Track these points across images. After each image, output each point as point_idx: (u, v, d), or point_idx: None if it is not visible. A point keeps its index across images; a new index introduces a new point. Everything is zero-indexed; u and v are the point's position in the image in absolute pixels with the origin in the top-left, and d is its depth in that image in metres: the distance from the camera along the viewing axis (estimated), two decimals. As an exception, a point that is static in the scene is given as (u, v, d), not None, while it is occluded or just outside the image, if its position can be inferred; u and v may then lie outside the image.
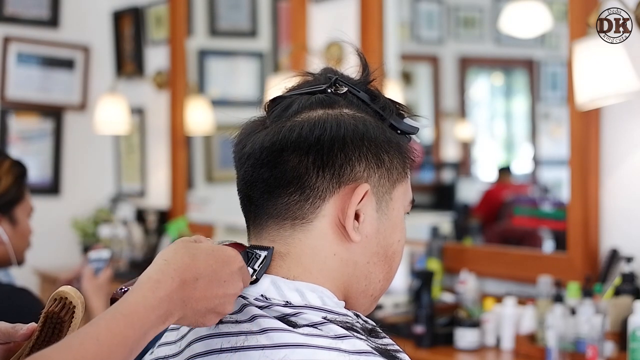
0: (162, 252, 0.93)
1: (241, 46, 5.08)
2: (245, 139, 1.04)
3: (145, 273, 0.90)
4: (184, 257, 0.91)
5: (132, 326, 0.85)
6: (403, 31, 5.74)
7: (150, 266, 0.90)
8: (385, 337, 0.99)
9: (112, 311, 0.85)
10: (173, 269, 0.89)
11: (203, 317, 0.92)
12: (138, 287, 0.88)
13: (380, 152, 1.01)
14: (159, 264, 0.90)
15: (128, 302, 0.86)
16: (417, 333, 2.66)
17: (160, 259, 0.91)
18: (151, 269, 0.90)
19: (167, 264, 0.90)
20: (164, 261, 0.90)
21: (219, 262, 0.92)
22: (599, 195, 2.61)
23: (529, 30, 4.18)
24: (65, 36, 4.72)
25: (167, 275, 0.88)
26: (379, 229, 1.02)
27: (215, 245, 0.96)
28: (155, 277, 0.88)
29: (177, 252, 0.91)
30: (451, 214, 5.13)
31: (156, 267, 0.90)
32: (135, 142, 4.80)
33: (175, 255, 0.91)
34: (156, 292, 0.87)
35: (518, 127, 6.94)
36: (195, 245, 0.94)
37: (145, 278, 0.88)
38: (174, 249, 0.92)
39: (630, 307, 2.28)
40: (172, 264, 0.90)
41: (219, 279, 0.92)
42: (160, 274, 0.88)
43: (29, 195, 2.16)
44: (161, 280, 0.88)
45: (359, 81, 1.06)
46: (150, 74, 4.65)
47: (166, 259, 0.90)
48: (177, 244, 0.94)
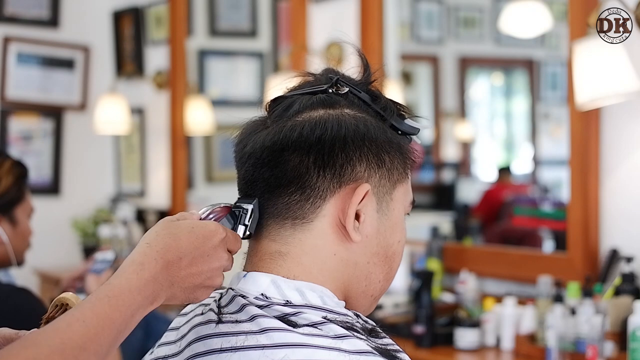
0: (145, 235, 0.94)
1: (241, 46, 5.08)
2: (246, 139, 1.04)
3: (129, 257, 0.91)
4: (165, 239, 0.93)
5: (118, 308, 0.86)
6: (403, 31, 5.74)
7: (134, 250, 0.92)
8: (386, 337, 0.99)
9: (97, 294, 0.87)
10: (156, 251, 0.91)
11: (193, 293, 0.94)
12: (122, 271, 0.90)
13: (381, 153, 1.01)
14: (142, 247, 0.92)
15: (112, 285, 0.88)
16: (417, 333, 2.66)
17: (143, 243, 0.93)
18: (135, 253, 0.92)
19: (149, 246, 0.92)
20: (147, 244, 0.92)
21: (200, 238, 0.94)
22: (599, 195, 2.61)
23: (529, 30, 4.18)
24: (65, 36, 4.72)
25: (150, 258, 0.90)
26: (379, 229, 1.02)
27: (195, 222, 0.97)
28: (138, 260, 0.90)
29: (158, 234, 0.93)
30: (451, 214, 5.14)
31: (139, 250, 0.92)
32: (135, 142, 4.80)
33: (157, 238, 0.93)
34: (140, 274, 0.89)
35: (518, 127, 6.94)
36: (176, 225, 0.95)
37: (129, 262, 0.90)
38: (156, 232, 0.94)
39: (630, 307, 2.28)
40: (155, 246, 0.92)
41: (202, 254, 0.94)
42: (143, 256, 0.91)
43: (29, 196, 2.16)
44: (144, 262, 0.90)
45: (360, 81, 1.06)
46: (150, 74, 4.65)
47: (148, 242, 0.92)
48: (158, 225, 0.96)
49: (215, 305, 1.02)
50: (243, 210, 1.01)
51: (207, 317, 1.01)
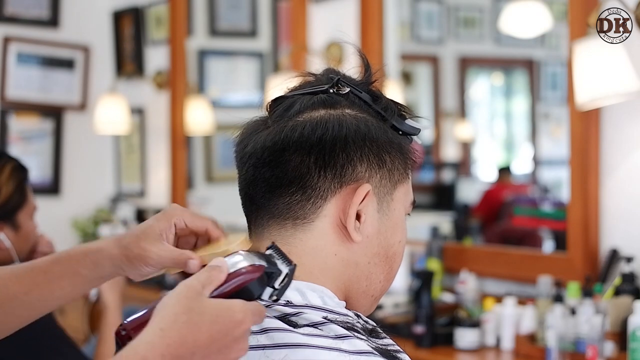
0: (163, 312, 0.83)
1: (241, 46, 5.07)
2: (247, 139, 1.04)
3: (136, 342, 0.81)
4: (183, 329, 0.82)
5: None
6: (403, 31, 5.74)
7: (146, 332, 0.82)
8: (386, 337, 0.99)
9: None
10: (166, 345, 0.81)
11: None
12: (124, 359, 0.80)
13: (382, 153, 1.01)
14: (154, 334, 0.81)
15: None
16: (417, 333, 2.66)
17: (157, 326, 0.82)
18: (144, 337, 0.81)
19: (162, 336, 0.81)
20: (160, 331, 0.81)
21: (222, 331, 0.84)
22: (599, 195, 2.61)
23: (529, 30, 4.18)
24: (65, 36, 4.72)
25: (156, 353, 0.80)
26: (379, 229, 1.02)
27: (222, 307, 0.85)
28: (142, 354, 0.80)
29: (176, 320, 0.82)
30: (451, 214, 5.14)
31: (149, 337, 0.81)
32: (135, 142, 4.80)
33: (174, 325, 0.82)
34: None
35: (518, 127, 6.94)
36: (200, 309, 0.84)
37: (133, 351, 0.80)
38: (174, 315, 0.83)
39: (630, 307, 2.28)
40: (168, 337, 0.81)
41: (220, 348, 0.84)
42: (149, 349, 0.80)
43: (31, 196, 2.15)
44: (148, 358, 0.80)
45: (360, 82, 1.06)
46: (150, 74, 4.65)
47: (162, 327, 0.82)
48: (180, 304, 0.84)
49: (216, 306, 1.02)
50: (277, 272, 0.93)
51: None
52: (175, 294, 0.85)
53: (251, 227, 1.05)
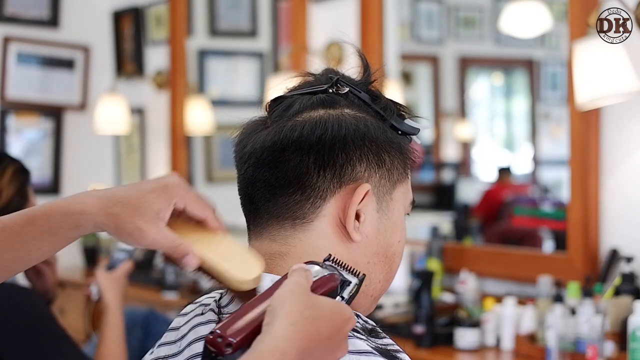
0: (286, 309, 0.83)
1: (241, 46, 5.07)
2: (246, 139, 1.04)
3: (271, 336, 0.81)
4: (309, 324, 0.83)
5: None
6: (403, 31, 5.74)
7: (276, 325, 0.82)
8: (386, 337, 0.99)
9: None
10: (299, 339, 0.82)
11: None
12: (262, 356, 0.80)
13: (381, 153, 1.01)
14: (285, 329, 0.82)
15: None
16: (417, 333, 2.66)
17: (286, 321, 0.82)
18: (277, 334, 0.82)
19: (294, 330, 0.82)
20: (291, 325, 0.82)
21: (336, 327, 0.86)
22: (599, 195, 2.61)
23: (529, 30, 4.18)
24: (65, 36, 4.72)
25: (292, 347, 0.81)
26: (379, 229, 1.02)
27: (334, 305, 0.88)
28: (282, 348, 0.81)
29: (302, 315, 0.83)
30: (451, 214, 5.13)
31: (282, 332, 0.82)
32: (135, 142, 4.80)
33: (301, 320, 0.83)
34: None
35: (518, 127, 6.94)
36: (318, 306, 0.86)
37: (272, 346, 0.81)
38: (299, 311, 0.84)
39: (630, 307, 2.28)
40: (299, 331, 0.82)
41: (334, 345, 0.86)
42: (287, 344, 0.81)
43: (32, 197, 2.14)
44: (287, 352, 0.81)
45: (360, 82, 1.06)
46: (150, 74, 4.65)
47: (292, 322, 0.82)
48: (300, 300, 0.85)
49: (215, 305, 1.02)
50: (347, 282, 0.94)
51: (207, 317, 1.01)
52: (289, 291, 0.85)
53: (250, 227, 1.05)
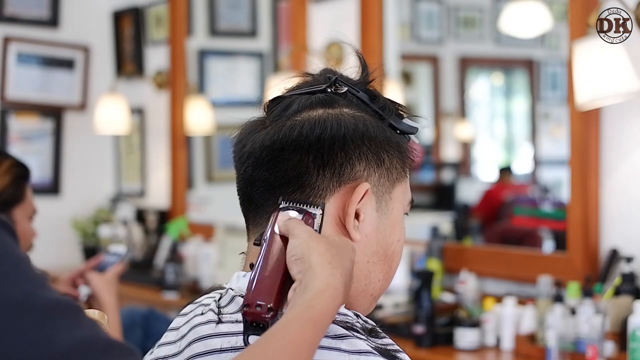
0: (315, 250, 0.91)
1: (241, 46, 5.07)
2: (245, 139, 1.04)
3: (318, 277, 0.89)
4: (338, 259, 0.92)
5: (318, 333, 0.86)
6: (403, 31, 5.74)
7: (317, 268, 0.89)
8: (385, 337, 0.99)
9: (301, 316, 0.86)
10: (340, 273, 0.90)
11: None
12: (319, 293, 0.87)
13: (380, 152, 1.01)
14: (327, 268, 0.90)
15: (316, 310, 0.86)
16: (417, 333, 2.66)
17: (323, 261, 0.90)
18: (323, 272, 0.89)
19: (332, 267, 0.90)
20: (329, 264, 0.90)
21: (350, 254, 0.95)
22: (599, 195, 2.60)
23: (529, 30, 4.18)
24: (65, 36, 4.72)
25: (338, 280, 0.89)
26: (378, 228, 1.02)
27: (337, 236, 0.97)
28: (333, 284, 0.89)
29: (331, 253, 0.92)
30: (451, 214, 5.14)
31: (326, 271, 0.89)
32: (135, 142, 4.80)
33: (333, 257, 0.91)
34: (336, 300, 0.88)
35: (518, 127, 6.95)
36: (333, 241, 0.94)
37: (324, 284, 0.88)
38: (327, 250, 0.92)
39: (630, 307, 2.28)
40: (336, 267, 0.90)
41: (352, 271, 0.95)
42: (334, 279, 0.89)
43: (30, 197, 2.14)
44: (338, 287, 0.89)
45: (358, 81, 1.06)
46: (150, 74, 4.65)
47: (329, 261, 0.90)
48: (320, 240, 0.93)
49: (215, 306, 1.02)
50: (313, 215, 0.98)
51: (207, 317, 1.01)
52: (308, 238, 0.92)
53: (249, 226, 1.05)
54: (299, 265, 0.90)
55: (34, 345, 0.76)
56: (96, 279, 2.24)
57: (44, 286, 0.81)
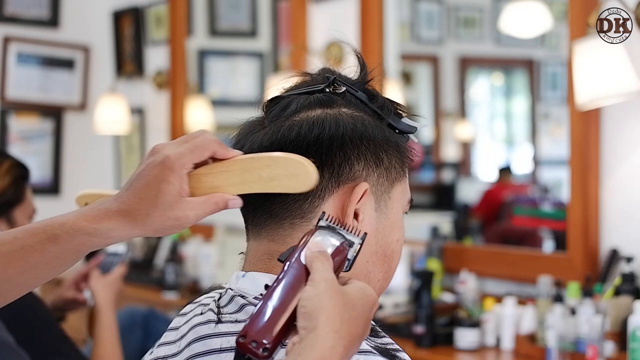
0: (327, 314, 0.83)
1: (241, 46, 5.07)
2: (244, 139, 1.04)
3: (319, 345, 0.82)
4: (348, 327, 0.84)
5: None
6: (403, 31, 5.74)
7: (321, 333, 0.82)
8: (385, 337, 0.99)
9: None
10: (343, 345, 0.83)
11: None
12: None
13: (379, 152, 1.01)
14: (331, 338, 0.82)
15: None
16: (417, 333, 2.66)
17: (329, 329, 0.83)
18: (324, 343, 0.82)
19: (338, 337, 0.83)
20: (335, 333, 0.83)
21: (368, 318, 0.88)
22: (599, 195, 2.60)
23: (529, 30, 4.18)
24: (65, 36, 4.72)
25: (338, 355, 0.82)
26: (377, 228, 1.02)
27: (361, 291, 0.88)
28: (328, 358, 0.82)
29: (342, 319, 0.84)
30: (451, 214, 5.13)
31: (329, 341, 0.82)
32: (135, 142, 4.80)
33: (342, 325, 0.84)
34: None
35: (518, 127, 6.94)
36: (351, 303, 0.86)
37: (318, 357, 0.81)
38: (339, 314, 0.84)
39: (630, 307, 2.28)
40: (342, 338, 0.83)
41: (365, 333, 0.88)
42: (333, 353, 0.82)
43: (30, 197, 2.14)
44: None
45: (357, 81, 1.06)
46: (150, 74, 4.65)
47: (335, 330, 0.83)
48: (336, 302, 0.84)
49: (215, 305, 1.02)
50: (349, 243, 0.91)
51: (207, 317, 1.01)
52: (324, 291, 0.85)
53: (249, 227, 1.05)
54: (306, 320, 0.84)
55: None
56: (95, 281, 2.24)
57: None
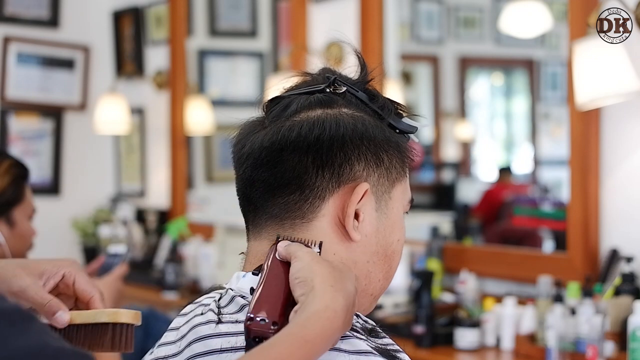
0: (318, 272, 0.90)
1: (241, 46, 5.07)
2: (244, 139, 1.03)
3: (318, 299, 0.88)
4: (340, 282, 0.91)
5: (309, 354, 0.85)
6: (403, 31, 5.74)
7: (318, 290, 0.89)
8: (385, 337, 0.99)
9: (293, 334, 0.85)
10: (341, 296, 0.89)
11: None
12: (316, 314, 0.87)
13: (380, 152, 1.01)
14: (328, 291, 0.89)
15: (308, 330, 0.86)
16: (417, 333, 2.66)
17: (325, 285, 0.89)
18: (324, 295, 0.88)
19: (334, 290, 0.89)
20: (331, 287, 0.89)
21: (352, 278, 0.93)
22: (599, 195, 2.60)
23: (529, 30, 4.18)
24: (65, 36, 4.72)
25: (338, 304, 0.88)
26: (378, 228, 1.02)
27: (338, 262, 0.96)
28: (332, 307, 0.88)
29: (334, 276, 0.91)
30: (451, 214, 5.13)
31: (328, 293, 0.88)
32: (135, 142, 4.80)
33: (335, 281, 0.90)
34: (334, 323, 0.87)
35: (518, 127, 6.94)
36: (336, 266, 0.93)
37: (323, 306, 0.87)
38: (329, 273, 0.91)
39: (630, 307, 2.28)
40: (338, 290, 0.89)
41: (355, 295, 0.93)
42: (334, 302, 0.88)
43: (30, 197, 2.14)
44: (337, 310, 0.88)
45: (357, 81, 1.06)
46: (150, 74, 4.65)
47: (331, 284, 0.89)
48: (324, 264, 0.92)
49: (215, 306, 1.02)
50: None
51: (207, 317, 1.01)
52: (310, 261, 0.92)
53: (249, 227, 1.05)
54: (302, 287, 0.90)
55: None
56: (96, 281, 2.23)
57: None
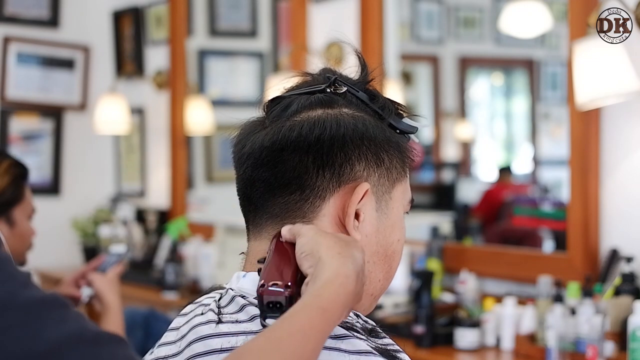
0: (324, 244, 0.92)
1: (241, 46, 5.07)
2: (245, 139, 1.04)
3: (328, 267, 0.89)
4: (346, 250, 0.92)
5: (329, 322, 0.86)
6: (403, 31, 5.74)
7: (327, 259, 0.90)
8: (385, 337, 0.99)
9: (309, 303, 0.86)
10: (350, 262, 0.90)
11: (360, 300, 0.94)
12: (328, 282, 0.88)
13: (380, 152, 1.01)
14: (337, 259, 0.90)
15: (323, 297, 0.87)
16: (417, 333, 2.66)
17: (333, 253, 0.91)
18: (333, 263, 0.89)
19: (342, 256, 0.90)
20: (339, 254, 0.90)
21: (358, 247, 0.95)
22: (599, 195, 2.60)
23: (529, 30, 4.18)
24: (65, 36, 4.72)
25: (351, 270, 0.90)
26: (378, 228, 1.02)
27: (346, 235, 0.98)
28: (343, 273, 0.89)
29: (340, 245, 0.92)
30: (451, 214, 5.13)
31: (336, 261, 0.90)
32: (135, 142, 4.80)
33: (341, 249, 0.91)
34: (347, 288, 0.89)
35: (518, 127, 6.94)
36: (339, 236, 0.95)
37: (334, 274, 0.89)
38: (335, 242, 0.92)
39: (630, 307, 2.28)
40: (346, 257, 0.91)
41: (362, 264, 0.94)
42: (345, 268, 0.89)
43: (29, 196, 2.14)
44: (349, 275, 0.89)
45: (357, 81, 1.06)
46: (150, 74, 4.65)
47: (338, 252, 0.91)
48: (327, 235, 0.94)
49: (215, 306, 1.02)
50: None
51: (207, 317, 1.01)
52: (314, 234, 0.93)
53: (249, 227, 1.05)
54: (309, 260, 0.91)
55: (21, 342, 0.76)
56: (99, 280, 2.23)
57: (27, 284, 0.82)
